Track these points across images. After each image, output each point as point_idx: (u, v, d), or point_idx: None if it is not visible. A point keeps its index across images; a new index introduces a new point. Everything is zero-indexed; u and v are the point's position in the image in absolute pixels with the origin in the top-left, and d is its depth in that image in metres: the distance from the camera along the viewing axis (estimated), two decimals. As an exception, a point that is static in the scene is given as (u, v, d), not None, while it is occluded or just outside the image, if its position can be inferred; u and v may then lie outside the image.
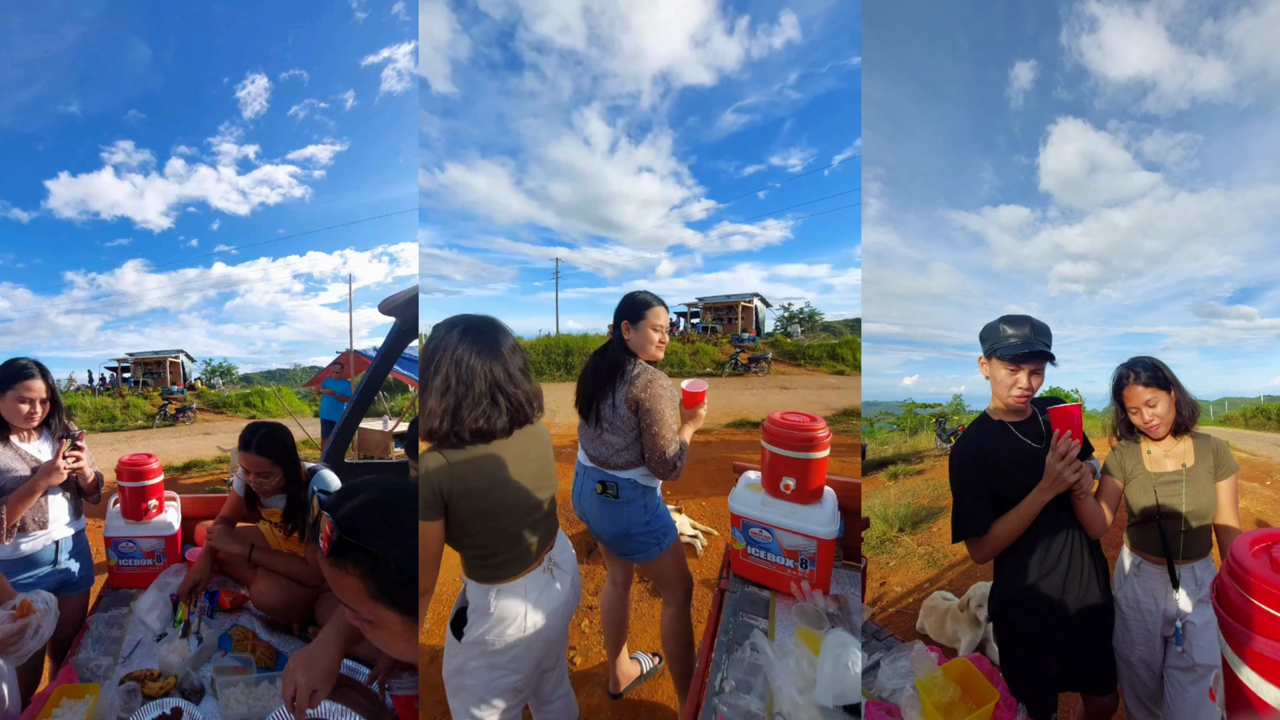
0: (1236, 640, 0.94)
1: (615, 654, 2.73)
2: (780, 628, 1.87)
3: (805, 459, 1.94)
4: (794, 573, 1.96)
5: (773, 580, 2.02)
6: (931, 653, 1.56)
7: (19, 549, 2.13)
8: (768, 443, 2.01)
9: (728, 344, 18.72)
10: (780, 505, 1.98)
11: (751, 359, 17.46)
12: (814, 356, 18.38)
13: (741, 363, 17.31)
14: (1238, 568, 0.95)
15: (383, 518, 1.10)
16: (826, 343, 19.41)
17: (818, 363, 18.09)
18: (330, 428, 6.86)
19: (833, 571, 1.99)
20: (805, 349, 19.06)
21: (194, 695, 1.78)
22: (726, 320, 21.15)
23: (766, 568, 2.02)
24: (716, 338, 19.66)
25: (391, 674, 1.48)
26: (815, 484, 1.97)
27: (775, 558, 1.99)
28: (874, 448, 10.10)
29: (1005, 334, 1.77)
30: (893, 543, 5.14)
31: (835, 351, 18.26)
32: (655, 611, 3.45)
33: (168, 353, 23.14)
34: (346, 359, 8.85)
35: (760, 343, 19.24)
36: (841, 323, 22.98)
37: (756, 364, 17.27)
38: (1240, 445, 10.13)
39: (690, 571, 2.42)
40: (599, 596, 3.55)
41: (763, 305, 22.19)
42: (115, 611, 2.21)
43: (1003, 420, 1.85)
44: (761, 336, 20.39)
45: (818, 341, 19.98)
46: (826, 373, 17.44)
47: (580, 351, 17.89)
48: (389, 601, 1.09)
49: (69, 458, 2.18)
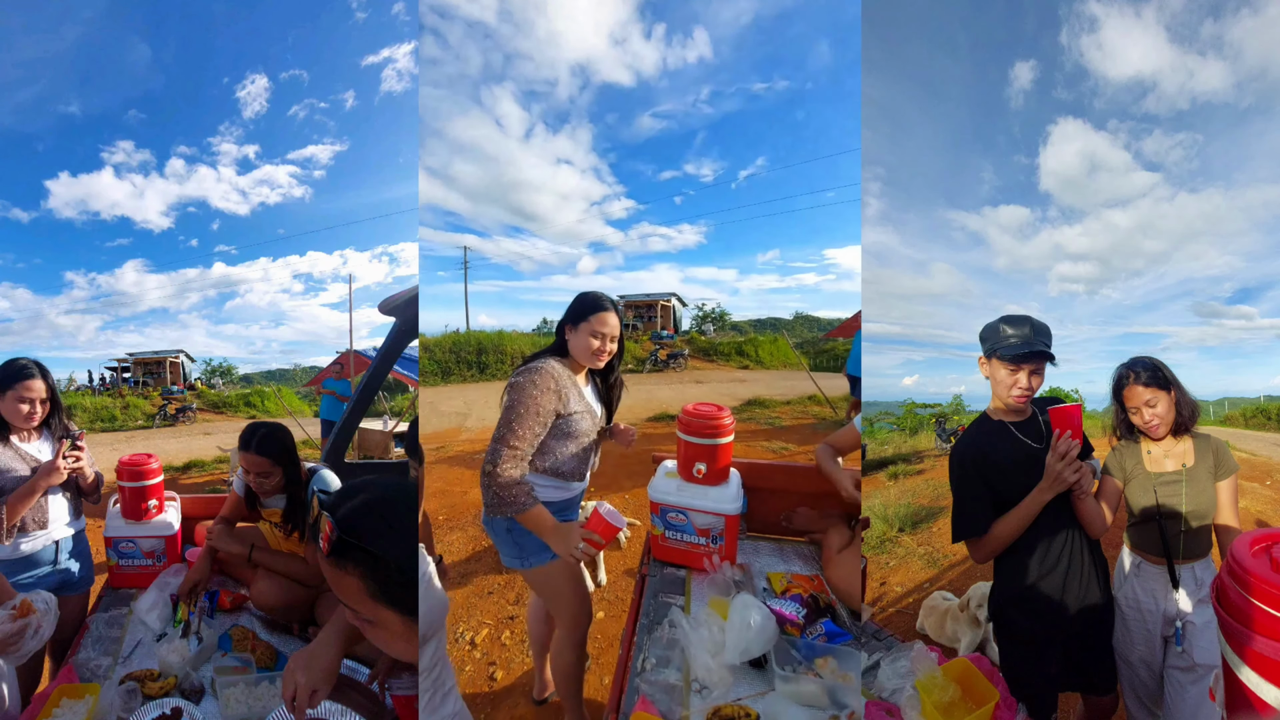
0: (1236, 640, 0.94)
1: (540, 660, 2.66)
2: (695, 602, 2.02)
3: (713, 444, 2.13)
4: (706, 549, 2.14)
5: (688, 559, 2.17)
6: (931, 653, 1.56)
7: (19, 549, 2.13)
8: (682, 432, 2.17)
9: (648, 341, 19.50)
10: (693, 488, 2.15)
11: (670, 355, 18.48)
12: (724, 353, 19.92)
13: (661, 359, 18.19)
14: (1238, 568, 0.95)
15: (383, 518, 1.10)
16: (735, 340, 21.11)
17: (727, 358, 19.62)
18: (330, 428, 6.85)
19: (739, 543, 2.22)
20: (716, 346, 20.49)
21: (194, 695, 1.78)
22: (647, 318, 22.05)
23: (682, 548, 2.17)
24: (638, 334, 20.55)
25: (391, 674, 1.48)
26: (722, 465, 2.16)
27: (690, 538, 2.15)
28: (874, 448, 10.10)
29: (1005, 334, 1.77)
30: (893, 543, 5.13)
31: (741, 348, 20.01)
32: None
33: (168, 353, 23.13)
34: (346, 359, 8.86)
35: (678, 340, 20.39)
36: (747, 322, 25.66)
37: (674, 360, 18.35)
38: (1240, 445, 10.12)
39: (583, 591, 2.22)
40: (520, 607, 3.57)
41: (679, 304, 23.31)
42: (115, 611, 2.21)
43: (1003, 420, 1.85)
44: (679, 334, 21.58)
45: (727, 339, 21.60)
46: (734, 367, 19.03)
47: (495, 350, 18.05)
48: (389, 601, 1.09)
49: (69, 458, 2.18)
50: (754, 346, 20.01)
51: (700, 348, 20.24)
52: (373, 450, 8.24)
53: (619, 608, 3.59)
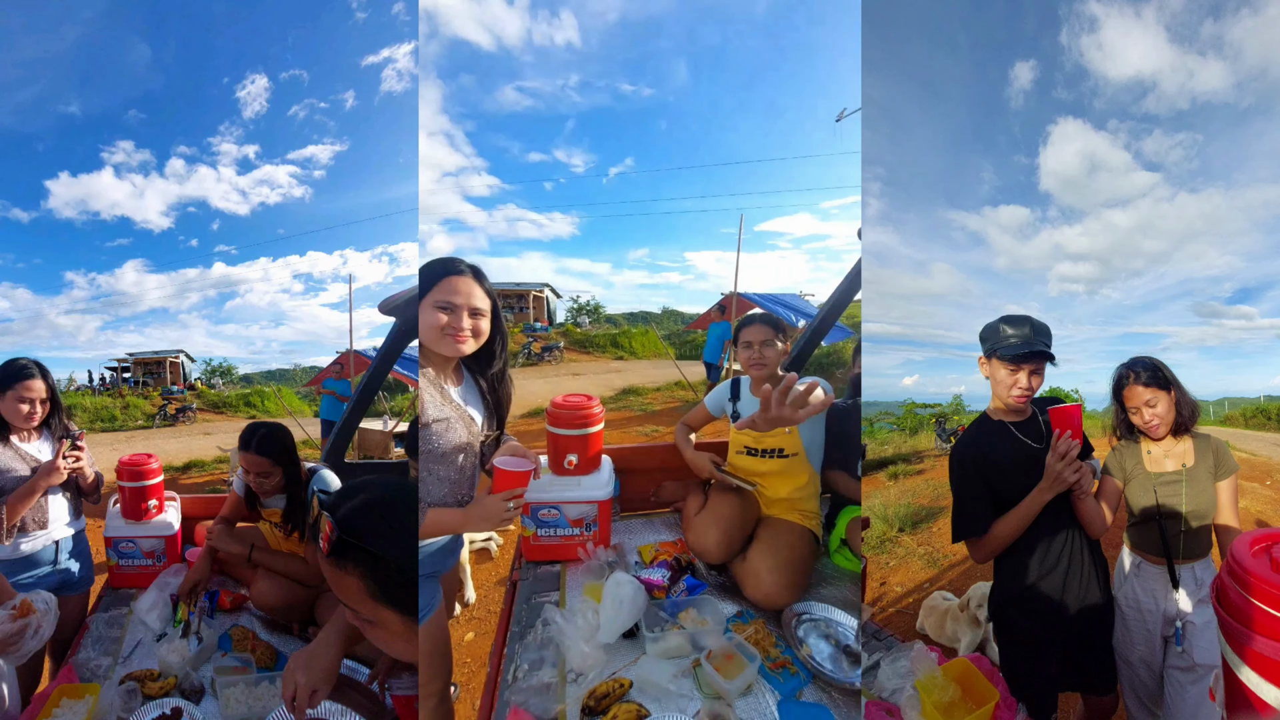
0: (1236, 640, 0.94)
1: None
2: (570, 593, 2.02)
3: (584, 434, 2.16)
4: (580, 538, 2.17)
5: (562, 552, 2.19)
6: (931, 653, 1.56)
7: (19, 549, 2.13)
8: (551, 425, 2.18)
9: (519, 333, 18.80)
10: (565, 481, 2.17)
11: (545, 348, 17.79)
12: (600, 345, 20.02)
13: (535, 352, 17.48)
14: (1238, 568, 0.95)
15: (383, 518, 1.10)
16: (610, 332, 21.27)
17: (603, 350, 19.71)
18: (330, 428, 6.85)
19: (612, 525, 2.28)
20: (592, 338, 20.53)
21: (194, 695, 1.78)
22: (518, 309, 21.28)
23: (556, 543, 2.18)
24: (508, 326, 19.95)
25: (391, 674, 1.48)
26: (593, 453, 2.20)
27: (563, 530, 2.17)
28: (874, 448, 10.10)
29: (1005, 334, 1.77)
30: (893, 543, 5.13)
31: (616, 340, 20.27)
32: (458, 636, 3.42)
33: (168, 353, 23.11)
34: (346, 359, 8.85)
35: (553, 332, 19.91)
36: (621, 315, 25.95)
37: (549, 353, 17.70)
38: (1240, 445, 10.11)
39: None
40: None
41: (553, 296, 22.88)
42: (115, 611, 2.21)
43: (1003, 420, 1.85)
44: (553, 326, 21.26)
45: (603, 331, 21.63)
46: (610, 358, 19.18)
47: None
48: (389, 601, 1.09)
49: (69, 458, 2.18)
50: (628, 338, 20.43)
51: (576, 340, 20.19)
52: (373, 450, 8.24)
53: (489, 624, 3.51)
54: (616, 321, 24.78)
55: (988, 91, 38.61)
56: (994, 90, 37.38)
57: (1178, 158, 29.17)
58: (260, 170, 29.56)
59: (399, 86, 31.42)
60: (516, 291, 21.75)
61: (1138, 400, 1.84)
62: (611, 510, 2.29)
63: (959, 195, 40.85)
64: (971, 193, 39.93)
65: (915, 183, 40.53)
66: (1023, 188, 35.38)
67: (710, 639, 1.67)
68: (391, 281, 35.57)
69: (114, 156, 27.15)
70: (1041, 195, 33.56)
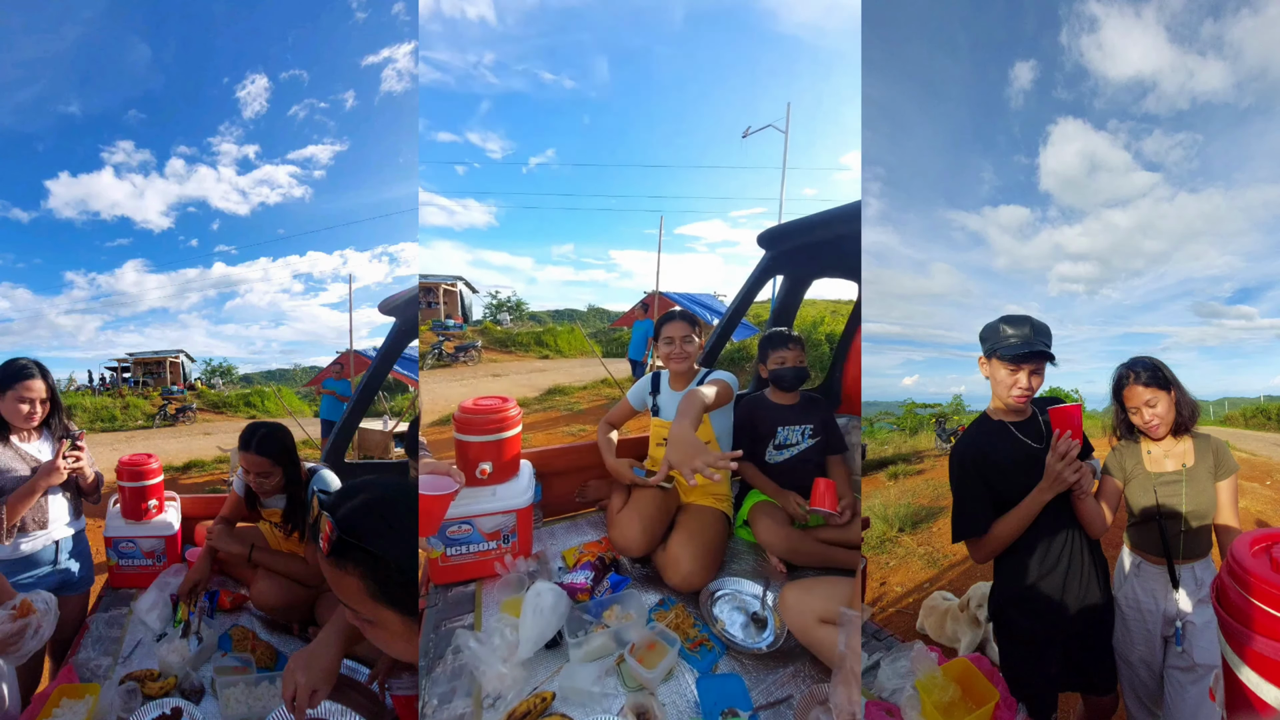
0: (1236, 640, 0.94)
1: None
2: (487, 613, 1.88)
3: (499, 439, 2.02)
4: (497, 552, 2.03)
5: (478, 569, 2.03)
6: (931, 653, 1.56)
7: (19, 549, 2.13)
8: (460, 433, 2.02)
9: (428, 330, 16.85)
10: (478, 492, 2.01)
11: (459, 348, 15.90)
12: (523, 343, 18.86)
13: (447, 352, 15.63)
14: (1238, 568, 0.95)
15: (383, 518, 1.10)
16: (534, 330, 20.32)
17: (526, 349, 18.64)
18: (330, 428, 6.86)
19: (534, 532, 2.18)
20: (515, 336, 19.32)
21: (194, 695, 1.78)
22: (425, 304, 19.11)
23: (469, 560, 2.02)
24: (148, 391, 18.14)
25: (391, 674, 1.48)
26: (509, 458, 2.06)
27: (478, 546, 2.01)
28: (874, 448, 10.11)
29: (1005, 334, 1.77)
30: (893, 543, 5.13)
31: (541, 338, 19.27)
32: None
33: (168, 353, 23.13)
34: (346, 359, 8.86)
35: (468, 330, 18.32)
36: (546, 313, 24.96)
37: (464, 353, 15.84)
38: (1240, 445, 10.11)
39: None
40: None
41: (468, 290, 20.87)
42: (115, 611, 2.21)
43: (1003, 420, 1.85)
44: (469, 324, 19.44)
45: (526, 329, 20.59)
46: (535, 357, 18.23)
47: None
48: (389, 601, 1.09)
49: (69, 458, 2.18)
50: (553, 336, 19.46)
51: (497, 339, 18.89)
52: (373, 450, 8.24)
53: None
54: (541, 319, 23.82)
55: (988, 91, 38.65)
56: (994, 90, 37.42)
57: (1178, 158, 29.18)
58: (260, 170, 29.54)
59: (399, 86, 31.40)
60: (424, 284, 19.04)
61: (1138, 400, 1.84)
62: (533, 517, 2.17)
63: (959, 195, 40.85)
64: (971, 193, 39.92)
65: (915, 183, 40.55)
66: (1023, 188, 35.39)
67: (633, 632, 1.68)
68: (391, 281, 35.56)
69: (114, 156, 27.15)
70: (1041, 195, 33.57)
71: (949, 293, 33.35)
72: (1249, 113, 28.43)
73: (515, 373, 14.23)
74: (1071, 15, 31.23)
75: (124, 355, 22.91)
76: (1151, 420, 1.83)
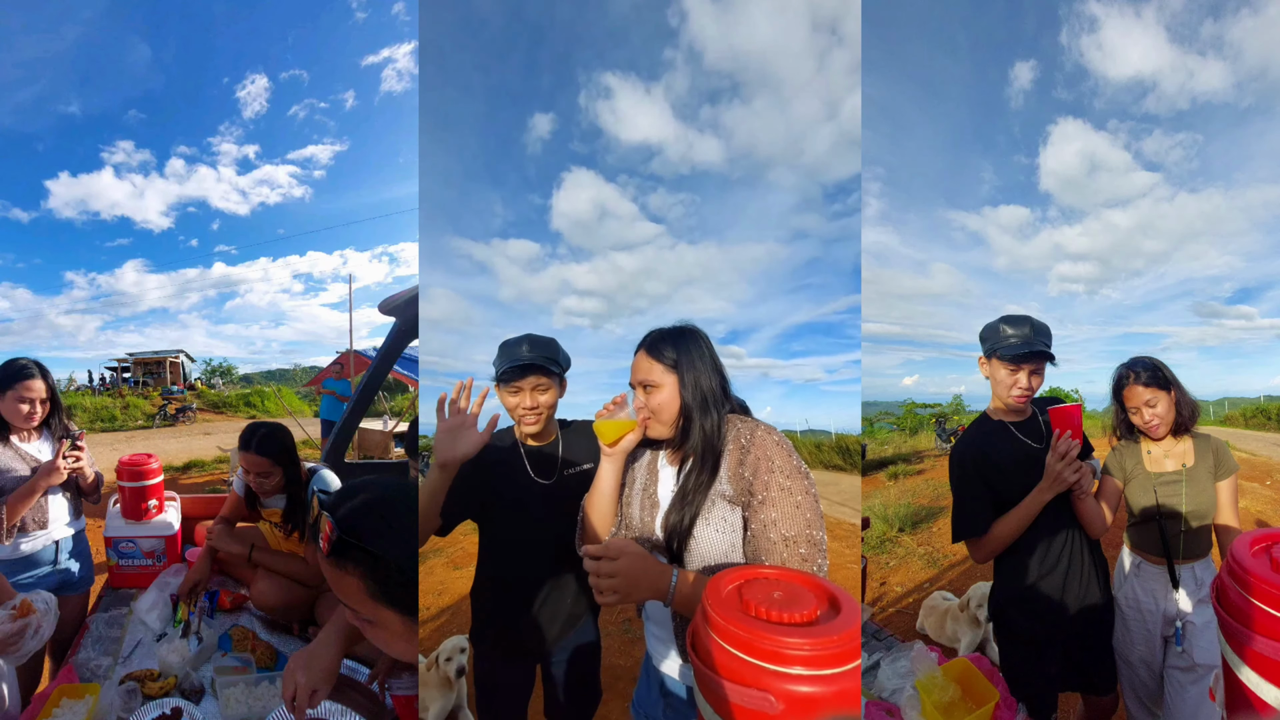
0: (1236, 640, 0.94)
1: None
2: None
3: (144, 486, 2.45)
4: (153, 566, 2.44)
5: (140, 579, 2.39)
6: (931, 653, 1.56)
7: (19, 549, 2.13)
8: (123, 480, 2.45)
9: (158, 397, 20.28)
10: (139, 526, 2.45)
11: (179, 409, 18.76)
12: (233, 404, 21.49)
13: (170, 413, 18.40)
14: (1238, 568, 0.95)
15: (383, 518, 1.10)
16: (242, 392, 23.11)
17: (236, 409, 21.04)
18: (330, 428, 6.85)
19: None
20: (225, 399, 22.05)
21: (194, 695, 1.77)
22: (157, 375, 23.23)
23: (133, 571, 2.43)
24: (148, 391, 21.50)
25: (391, 674, 1.48)
26: (152, 498, 2.47)
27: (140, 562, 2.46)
28: (874, 448, 10.12)
29: (1005, 334, 1.77)
30: (893, 543, 5.14)
31: (249, 399, 21.86)
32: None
33: (168, 353, 23.16)
34: (346, 359, 8.84)
35: (187, 394, 21.43)
36: (260, 374, 28.64)
37: (183, 414, 18.56)
38: (1240, 445, 10.12)
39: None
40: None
41: (188, 360, 24.83)
42: (115, 611, 2.21)
43: (1003, 420, 1.85)
44: (188, 389, 22.76)
45: (235, 391, 23.58)
46: (244, 417, 19.77)
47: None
48: (389, 601, 1.09)
49: (69, 458, 2.17)
50: (260, 397, 21.82)
51: (211, 401, 21.55)
52: (373, 450, 8.24)
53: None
54: (252, 379, 26.96)
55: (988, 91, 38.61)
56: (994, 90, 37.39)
57: (1178, 158, 29.15)
58: (260, 170, 29.52)
59: (399, 86, 31.33)
60: (156, 358, 23.77)
61: (1138, 400, 1.84)
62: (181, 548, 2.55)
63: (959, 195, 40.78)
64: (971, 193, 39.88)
65: (915, 183, 40.51)
66: (1023, 188, 35.36)
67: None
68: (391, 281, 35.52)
69: (114, 156, 27.11)
70: (1041, 195, 33.54)
71: (949, 293, 33.34)
72: (1249, 113, 28.44)
73: (223, 431, 15.13)
74: (1071, 15, 31.27)
75: (124, 355, 23.02)
76: (1151, 420, 1.83)
